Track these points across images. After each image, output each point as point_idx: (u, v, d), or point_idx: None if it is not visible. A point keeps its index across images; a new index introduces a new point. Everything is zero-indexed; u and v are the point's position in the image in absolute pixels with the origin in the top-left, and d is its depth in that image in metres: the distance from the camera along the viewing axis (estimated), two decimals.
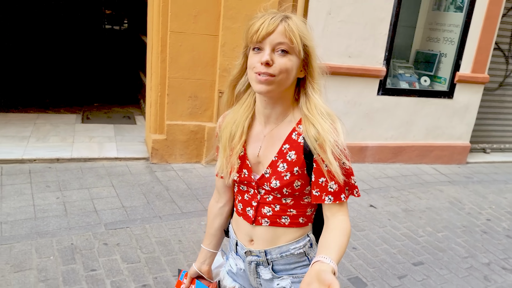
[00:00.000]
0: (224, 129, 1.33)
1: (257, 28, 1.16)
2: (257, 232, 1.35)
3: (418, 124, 5.31)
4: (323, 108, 1.24)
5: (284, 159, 1.26)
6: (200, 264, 1.50)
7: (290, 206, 1.31)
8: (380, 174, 4.94)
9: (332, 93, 4.78)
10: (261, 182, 1.30)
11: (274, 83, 1.17)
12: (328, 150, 1.17)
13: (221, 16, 4.11)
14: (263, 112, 1.29)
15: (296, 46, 1.16)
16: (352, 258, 3.15)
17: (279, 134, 1.28)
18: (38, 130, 4.66)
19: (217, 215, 1.49)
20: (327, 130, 1.18)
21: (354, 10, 4.56)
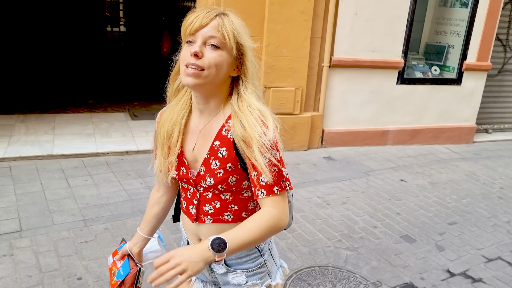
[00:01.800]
0: (161, 127, 1.32)
1: (191, 21, 1.16)
2: (202, 230, 1.37)
3: (431, 109, 5.96)
4: (254, 104, 1.22)
5: (216, 156, 1.26)
6: (132, 245, 1.53)
7: (230, 202, 1.31)
8: (402, 154, 5.58)
9: (358, 84, 5.41)
10: (198, 180, 1.30)
11: (201, 77, 1.16)
12: (254, 147, 1.16)
13: (265, 20, 4.67)
14: (197, 108, 1.29)
15: (228, 42, 1.16)
16: (398, 221, 3.76)
17: (211, 131, 1.28)
18: (98, 128, 5.17)
19: (155, 203, 1.53)
20: (253, 124, 1.17)
21: (376, 10, 5.17)
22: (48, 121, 5.22)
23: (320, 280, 2.85)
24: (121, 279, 1.49)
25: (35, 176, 3.92)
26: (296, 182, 4.38)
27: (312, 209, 3.83)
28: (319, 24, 4.94)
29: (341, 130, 5.51)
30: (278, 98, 4.94)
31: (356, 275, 2.94)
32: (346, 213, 3.82)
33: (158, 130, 1.34)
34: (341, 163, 5.06)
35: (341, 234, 3.45)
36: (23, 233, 3.03)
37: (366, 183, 4.54)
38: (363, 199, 4.14)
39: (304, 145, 5.27)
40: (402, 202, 4.16)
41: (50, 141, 4.62)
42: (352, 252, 3.21)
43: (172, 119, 1.30)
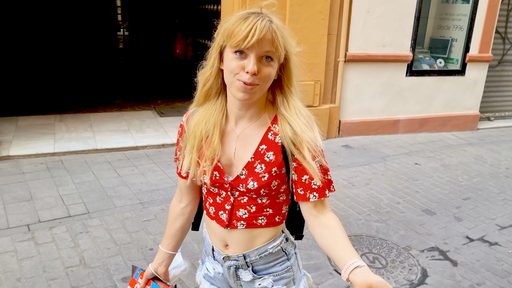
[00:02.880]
0: (196, 126, 1.26)
1: (246, 34, 1.08)
2: (232, 236, 1.32)
3: (438, 98, 6.38)
4: (301, 109, 1.23)
5: (262, 160, 1.23)
6: (157, 266, 1.46)
7: (266, 205, 1.28)
8: (413, 141, 6.00)
9: (370, 77, 5.81)
10: (235, 184, 1.26)
11: (257, 92, 1.15)
12: (305, 150, 1.17)
13: (286, 19, 5.06)
14: (237, 113, 1.25)
15: (281, 53, 1.15)
16: (418, 198, 4.17)
17: (253, 134, 1.25)
18: (131, 124, 5.55)
19: (179, 215, 1.45)
20: (304, 129, 1.18)
21: (386, 7, 5.58)
22: (84, 120, 5.59)
23: (357, 247, 3.25)
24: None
25: (86, 168, 4.30)
26: None
27: (339, 189, 4.23)
28: (334, 22, 5.34)
29: (356, 120, 5.91)
30: (300, 92, 5.32)
31: (388, 242, 3.34)
32: (371, 192, 4.22)
33: (191, 130, 1.27)
34: (358, 150, 5.46)
35: (369, 210, 3.85)
36: (91, 214, 3.41)
37: (384, 167, 4.95)
38: (384, 180, 4.55)
39: (323, 135, 5.65)
40: (419, 182, 4.56)
41: (91, 137, 4.99)
42: (381, 224, 3.61)
43: (210, 119, 1.24)
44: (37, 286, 2.56)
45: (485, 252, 3.28)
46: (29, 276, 2.65)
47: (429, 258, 3.16)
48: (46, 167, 4.25)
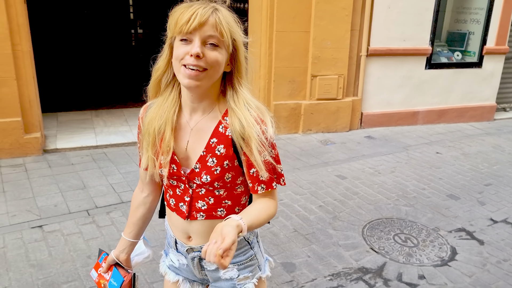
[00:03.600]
0: (150, 124, 1.28)
1: (188, 19, 1.11)
2: (194, 227, 1.35)
3: (455, 90, 6.58)
4: (251, 101, 1.24)
5: (213, 153, 1.25)
6: (119, 253, 1.48)
7: (224, 197, 1.31)
8: (432, 132, 6.21)
9: (391, 70, 6.04)
10: (191, 177, 1.28)
11: (204, 78, 1.15)
12: (253, 145, 1.19)
13: (312, 16, 5.29)
14: (190, 106, 1.26)
15: (226, 40, 1.14)
16: (442, 184, 4.40)
17: (205, 128, 1.26)
18: None
19: (141, 205, 1.48)
20: (252, 123, 1.19)
21: (407, 3, 5.78)
22: (118, 115, 5.89)
23: (389, 228, 3.50)
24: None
25: (128, 159, 4.59)
26: (347, 157, 5.02)
27: (367, 177, 4.48)
28: (357, 18, 5.57)
29: (377, 112, 6.14)
30: (324, 85, 5.58)
31: (417, 224, 3.59)
32: (396, 179, 4.46)
33: (146, 127, 1.29)
34: (380, 140, 5.70)
35: (397, 195, 4.10)
36: None
37: (407, 156, 5.19)
38: (408, 168, 4.79)
39: (346, 127, 5.91)
40: (442, 170, 4.79)
41: (128, 130, 5.28)
42: (409, 208, 3.85)
43: (162, 116, 1.26)
44: None
45: (509, 232, 3.51)
46: (97, 254, 2.94)
47: (457, 238, 3.41)
48: (91, 158, 4.55)
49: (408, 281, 2.83)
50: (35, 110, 4.50)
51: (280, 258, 3.01)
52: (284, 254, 3.07)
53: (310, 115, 5.64)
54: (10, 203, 3.55)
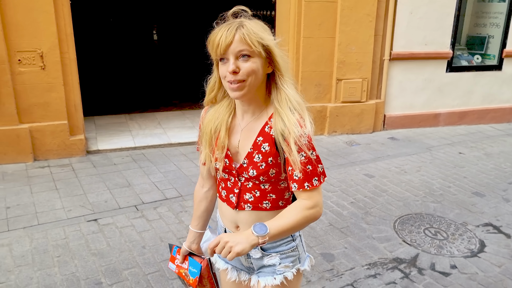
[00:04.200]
0: (207, 124, 1.47)
1: (218, 43, 1.29)
2: (241, 217, 1.50)
3: (476, 93, 6.73)
4: (293, 98, 1.37)
5: (259, 150, 1.40)
6: (190, 244, 1.69)
7: (269, 191, 1.45)
8: (454, 133, 6.38)
9: (413, 74, 6.23)
10: (240, 171, 1.44)
11: (245, 87, 1.32)
12: (291, 142, 1.31)
13: (337, 23, 5.52)
14: (241, 109, 1.45)
15: (255, 49, 1.28)
16: (466, 183, 4.57)
17: (254, 128, 1.43)
18: (194, 122, 6.10)
19: (203, 199, 1.67)
20: (293, 123, 1.32)
21: (428, 8, 5.98)
22: (151, 118, 6.17)
23: (419, 223, 3.70)
24: (197, 275, 1.62)
25: (166, 159, 4.85)
26: (372, 157, 5.22)
27: (393, 175, 4.67)
28: (380, 24, 5.78)
29: (400, 114, 6.33)
30: (348, 88, 5.79)
31: (445, 219, 3.78)
32: (423, 178, 4.65)
33: (204, 127, 1.49)
34: (404, 141, 5.88)
35: (424, 192, 4.28)
36: (185, 197, 3.95)
37: (430, 156, 5.36)
38: (433, 167, 4.97)
39: (370, 128, 6.11)
40: (466, 169, 4.96)
41: (163, 133, 5.55)
42: (437, 204, 4.04)
43: (218, 118, 1.46)
44: (160, 251, 3.10)
45: None
46: (151, 244, 3.19)
47: (485, 232, 3.58)
48: (131, 159, 4.83)
49: (441, 270, 3.03)
50: (79, 114, 4.80)
51: (319, 249, 3.23)
52: (322, 245, 3.28)
53: (335, 117, 5.85)
54: (64, 199, 3.83)
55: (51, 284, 2.71)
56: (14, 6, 4.18)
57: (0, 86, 4.28)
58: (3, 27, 4.17)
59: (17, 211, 3.59)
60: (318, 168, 1.36)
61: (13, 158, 4.50)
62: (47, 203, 3.75)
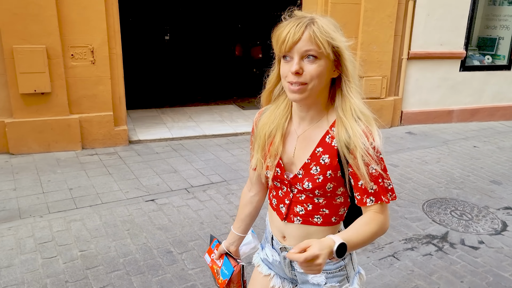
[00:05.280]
0: (262, 128, 1.37)
1: (284, 38, 1.17)
2: (289, 229, 1.40)
3: (487, 91, 7.11)
4: (359, 108, 1.24)
5: (317, 162, 1.29)
6: (229, 245, 1.63)
7: (323, 206, 1.34)
8: (467, 129, 6.75)
9: (429, 72, 6.59)
10: (294, 182, 1.33)
11: (306, 90, 1.20)
12: (358, 156, 1.19)
13: (360, 23, 5.88)
14: (299, 114, 1.33)
15: (324, 50, 1.16)
16: (484, 172, 4.93)
17: (312, 136, 1.31)
18: (222, 116, 6.44)
19: (248, 203, 1.59)
20: (359, 135, 1.20)
21: (444, 11, 6.35)
22: (181, 113, 6.51)
23: (445, 206, 4.05)
24: (227, 278, 1.58)
25: (204, 149, 5.19)
26: (394, 149, 5.58)
27: (416, 166, 5.03)
28: (400, 25, 6.15)
29: (416, 111, 6.69)
30: (369, 85, 6.15)
31: (468, 203, 4.13)
32: (443, 168, 5.01)
33: (258, 131, 1.39)
34: (421, 136, 6.25)
35: (446, 180, 4.64)
36: (229, 182, 4.29)
37: (447, 148, 5.73)
38: (451, 159, 5.33)
39: (388, 124, 6.47)
40: (481, 161, 5.33)
41: (195, 126, 5.90)
42: (459, 190, 4.40)
43: (274, 121, 1.35)
44: (217, 227, 3.44)
45: None
46: (208, 221, 3.53)
47: (505, 214, 3.94)
48: (171, 148, 5.17)
49: (470, 245, 3.38)
50: (123, 106, 5.14)
51: None
52: None
53: None
54: (119, 182, 4.16)
55: (128, 252, 3.05)
56: (69, 4, 4.52)
57: (54, 78, 4.61)
58: (59, 24, 4.50)
59: (80, 192, 3.92)
60: (385, 183, 1.26)
61: (63, 146, 4.83)
62: (105, 185, 4.08)
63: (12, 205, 3.61)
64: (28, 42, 4.42)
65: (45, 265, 2.84)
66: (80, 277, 2.74)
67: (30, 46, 4.42)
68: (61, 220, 3.42)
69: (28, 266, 2.83)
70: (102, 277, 2.76)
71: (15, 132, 4.61)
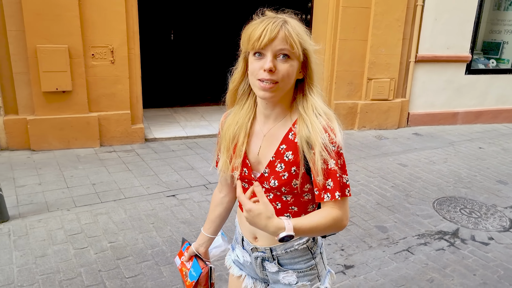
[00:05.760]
0: (227, 130, 1.38)
1: (259, 35, 1.17)
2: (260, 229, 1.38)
3: (491, 94, 7.27)
4: (320, 107, 1.27)
5: (281, 159, 1.30)
6: (198, 246, 1.62)
7: (291, 203, 1.35)
8: (471, 130, 6.90)
9: (435, 75, 6.75)
10: (261, 181, 1.34)
11: (277, 89, 1.22)
12: (317, 152, 1.21)
13: (370, 27, 6.03)
14: (264, 113, 1.34)
15: (297, 51, 1.20)
16: (490, 172, 5.08)
17: (277, 134, 1.33)
18: None
19: (218, 204, 1.61)
20: (319, 130, 1.22)
21: (451, 15, 6.51)
22: (193, 112, 6.65)
23: (454, 204, 4.20)
24: (195, 280, 1.59)
25: None
26: (402, 150, 5.73)
27: (424, 165, 5.18)
28: (408, 28, 6.30)
29: (422, 112, 6.85)
30: (378, 87, 6.30)
31: (476, 201, 4.28)
32: (450, 168, 5.16)
33: (223, 133, 1.41)
34: (427, 137, 6.40)
35: (454, 179, 4.79)
36: None
37: (453, 149, 5.88)
38: (457, 159, 5.48)
39: (395, 125, 6.62)
40: (487, 161, 5.48)
41: (208, 125, 6.04)
42: (467, 189, 4.55)
43: (237, 122, 1.36)
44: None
45: None
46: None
47: None
48: (186, 146, 5.31)
49: (481, 240, 3.53)
50: (139, 105, 5.28)
51: (373, 223, 3.72)
52: (375, 219, 3.78)
53: (365, 114, 6.36)
54: (139, 178, 4.30)
55: (155, 244, 3.18)
56: (91, 6, 4.65)
57: (75, 77, 4.75)
58: (81, 24, 4.64)
59: (102, 187, 4.06)
60: (344, 177, 1.28)
61: (82, 143, 4.97)
62: (126, 181, 4.22)
63: (39, 199, 3.75)
64: (50, 42, 4.55)
65: (77, 255, 2.98)
66: (112, 267, 2.88)
67: (53, 45, 4.55)
68: (87, 213, 3.55)
69: (61, 256, 2.96)
70: (132, 267, 2.90)
71: (36, 129, 4.74)
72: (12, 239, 3.12)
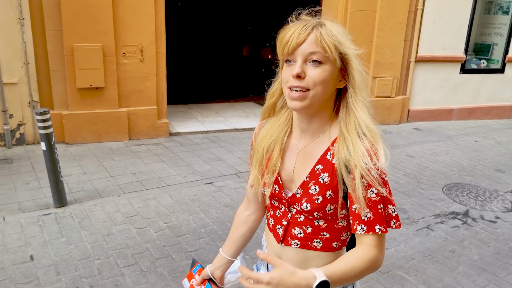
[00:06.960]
0: (260, 142, 1.27)
1: (288, 39, 1.08)
2: (286, 253, 1.28)
3: (482, 92, 7.82)
4: (365, 123, 1.13)
5: (316, 181, 1.18)
6: (214, 269, 1.46)
7: (323, 229, 1.22)
8: (466, 126, 7.43)
9: (433, 74, 7.25)
10: (292, 201, 1.23)
11: (307, 98, 1.10)
12: (357, 176, 1.08)
13: (375, 28, 6.48)
14: (299, 127, 1.22)
15: (331, 54, 1.08)
16: (488, 162, 5.58)
17: (313, 152, 1.20)
18: (245, 111, 6.94)
19: (243, 223, 1.46)
20: (361, 153, 1.09)
21: (448, 18, 7.02)
22: (208, 109, 6.98)
23: (461, 189, 4.66)
24: None
25: (239, 141, 5.68)
26: (406, 143, 6.20)
27: (429, 156, 5.65)
28: (409, 30, 6.77)
29: (421, 109, 7.34)
30: (381, 85, 6.76)
31: (480, 187, 4.76)
32: (452, 159, 5.64)
33: (256, 145, 1.30)
34: (427, 131, 6.89)
35: (457, 169, 5.27)
36: None
37: (452, 142, 6.38)
38: (458, 151, 5.97)
39: (397, 120, 7.09)
40: (484, 153, 5.99)
41: (224, 120, 6.38)
42: (470, 177, 5.02)
43: (273, 135, 1.25)
44: None
45: None
46: None
47: None
48: (209, 140, 5.64)
49: (489, 219, 3.99)
50: (164, 101, 5.59)
51: None
52: (395, 202, 4.19)
53: None
54: (174, 168, 4.62)
55: (206, 224, 3.53)
56: (123, 7, 4.95)
57: (108, 74, 5.04)
58: (114, 25, 4.93)
59: (143, 176, 4.37)
60: (388, 208, 1.15)
61: (113, 137, 5.25)
62: (163, 171, 4.54)
63: (88, 187, 4.04)
64: (86, 41, 4.83)
65: (140, 234, 3.30)
66: (174, 243, 3.22)
67: (89, 44, 4.83)
68: (137, 199, 3.87)
69: (126, 234, 3.28)
70: (192, 242, 3.24)
71: (71, 123, 5.01)
72: (76, 221, 3.42)
